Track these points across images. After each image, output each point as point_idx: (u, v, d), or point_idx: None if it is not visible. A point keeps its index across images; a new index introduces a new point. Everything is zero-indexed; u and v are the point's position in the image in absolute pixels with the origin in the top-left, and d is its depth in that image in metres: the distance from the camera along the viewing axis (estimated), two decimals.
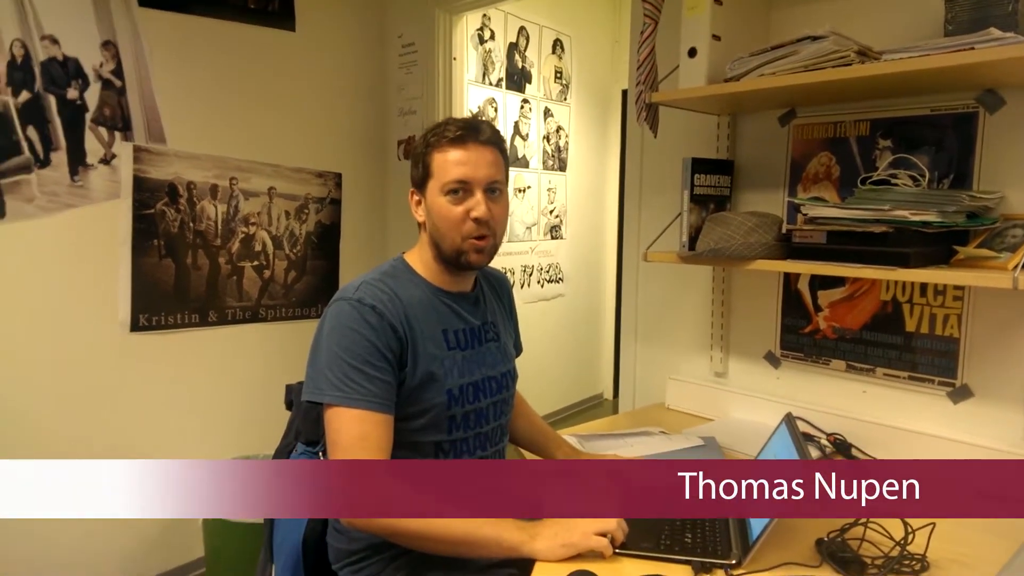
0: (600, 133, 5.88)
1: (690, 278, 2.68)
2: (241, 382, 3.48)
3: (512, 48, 5.00)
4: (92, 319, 2.99)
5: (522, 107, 5.12)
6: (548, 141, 5.36)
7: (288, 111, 3.56)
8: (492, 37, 4.82)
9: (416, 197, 1.76)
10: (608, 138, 5.93)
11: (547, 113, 5.34)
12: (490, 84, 4.84)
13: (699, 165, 2.30)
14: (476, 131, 1.69)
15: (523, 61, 5.10)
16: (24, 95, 2.75)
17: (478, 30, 4.69)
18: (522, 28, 5.06)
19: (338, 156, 3.80)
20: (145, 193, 3.07)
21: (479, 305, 1.85)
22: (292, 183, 3.58)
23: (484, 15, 4.72)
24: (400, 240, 3.91)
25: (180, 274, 3.23)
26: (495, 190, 1.70)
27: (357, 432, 1.54)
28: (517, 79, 5.07)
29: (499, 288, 1.98)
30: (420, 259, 1.77)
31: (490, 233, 1.70)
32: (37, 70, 2.77)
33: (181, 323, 3.24)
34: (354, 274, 1.76)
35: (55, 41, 2.80)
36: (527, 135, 5.16)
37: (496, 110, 4.90)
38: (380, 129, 3.98)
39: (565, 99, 5.51)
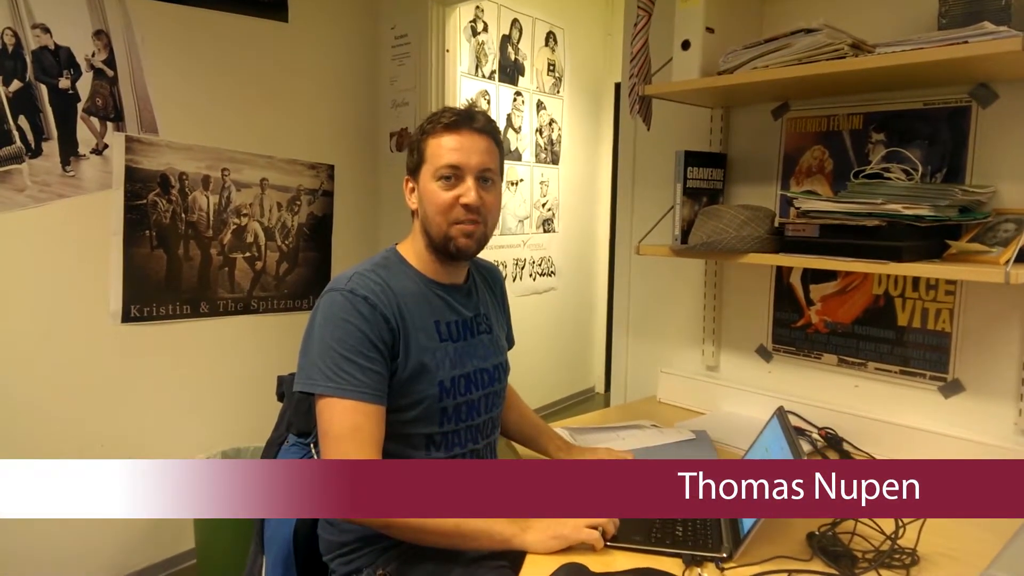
0: (593, 126, 5.88)
1: (682, 271, 2.68)
2: (233, 374, 3.47)
3: (505, 40, 4.99)
4: (84, 310, 2.98)
5: (515, 100, 5.11)
6: (541, 134, 5.35)
7: (281, 102, 3.56)
8: (485, 29, 4.81)
9: (410, 184, 1.76)
10: (601, 131, 5.92)
11: (540, 106, 5.33)
12: (483, 76, 4.83)
13: (692, 158, 2.30)
14: (471, 119, 1.70)
15: (516, 53, 5.10)
16: (15, 84, 2.73)
17: (471, 22, 4.68)
18: (515, 20, 5.05)
19: (330, 148, 3.79)
20: (137, 183, 3.06)
21: (471, 297, 1.84)
22: (284, 174, 3.58)
23: (477, 7, 4.71)
24: (392, 232, 3.90)
25: (172, 265, 3.22)
26: (487, 179, 1.70)
27: (349, 423, 1.54)
28: (510, 71, 5.06)
29: (491, 280, 1.98)
30: (413, 249, 1.77)
31: (480, 220, 1.70)
32: (28, 59, 2.76)
33: (173, 314, 3.24)
34: (346, 265, 1.76)
35: (46, 30, 2.79)
36: (520, 128, 5.16)
37: (489, 103, 4.89)
38: (372, 121, 3.97)
39: (558, 92, 5.50)
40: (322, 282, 3.63)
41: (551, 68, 5.42)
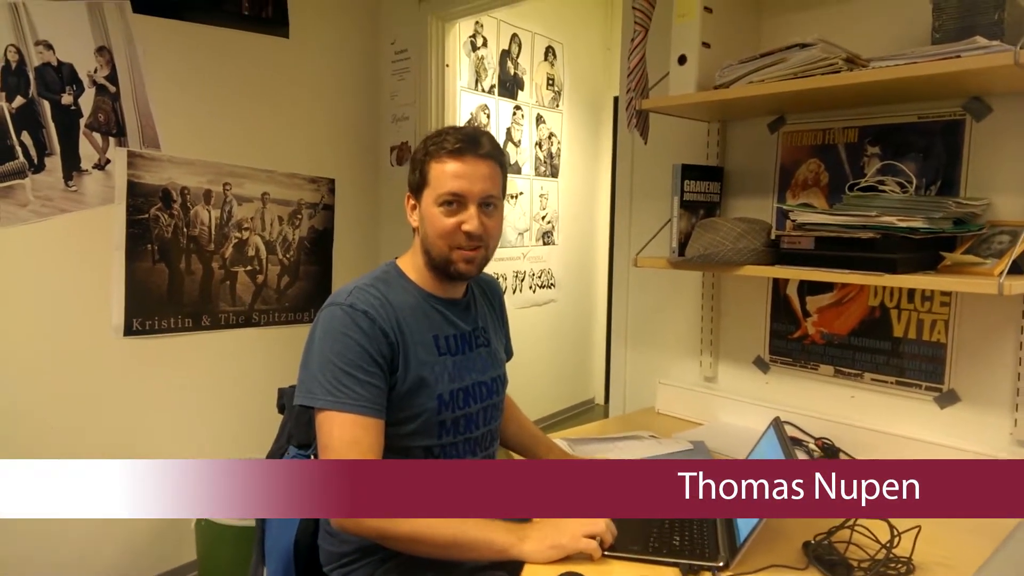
0: (592, 140, 5.91)
1: (680, 284, 2.69)
2: (234, 386, 3.48)
3: (504, 55, 5.02)
4: (86, 324, 3.00)
5: (514, 114, 5.14)
6: (540, 147, 5.38)
7: (282, 117, 3.58)
8: (485, 44, 4.84)
9: (412, 202, 1.77)
10: (600, 144, 5.95)
11: (539, 120, 5.36)
12: (483, 91, 4.86)
13: (689, 171, 2.32)
14: (476, 144, 1.68)
15: (515, 68, 5.12)
16: (18, 100, 2.76)
17: (471, 37, 4.71)
18: (514, 35, 5.08)
19: (331, 162, 3.82)
20: (139, 198, 3.09)
21: (470, 311, 1.86)
22: (285, 188, 3.60)
23: (477, 22, 4.74)
24: (392, 245, 3.92)
25: (174, 279, 3.24)
26: (490, 204, 1.71)
27: (348, 436, 1.55)
28: (509, 86, 5.09)
29: (490, 293, 1.99)
30: (412, 264, 1.78)
31: (482, 245, 1.72)
32: (31, 75, 2.78)
33: (175, 328, 3.26)
34: (347, 279, 1.77)
35: (49, 47, 2.82)
36: (519, 141, 5.18)
37: (488, 117, 4.92)
38: (373, 135, 4.00)
39: (557, 106, 5.53)
40: (323, 295, 3.62)
41: (550, 82, 5.45)
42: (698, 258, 2.18)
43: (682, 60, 2.19)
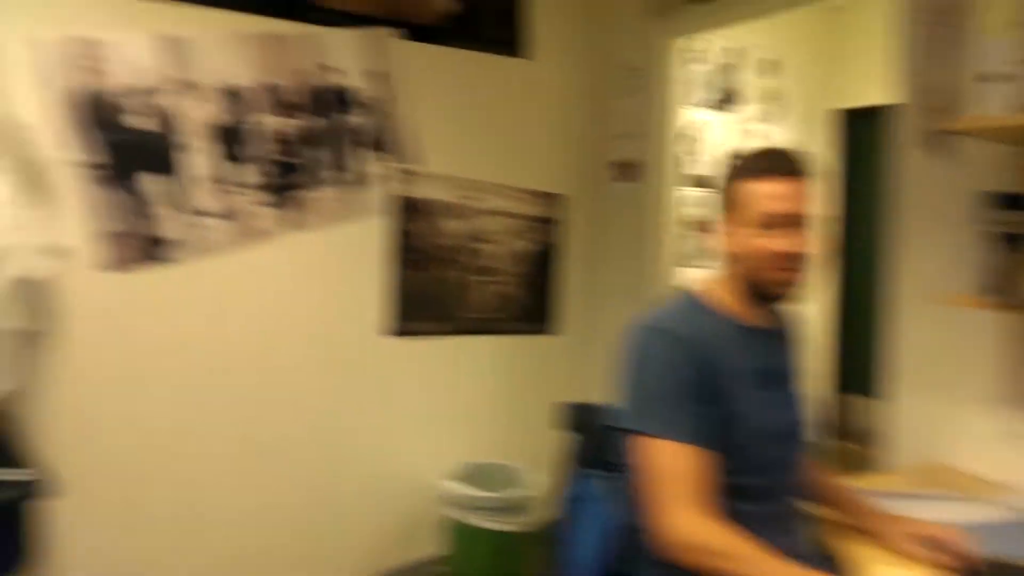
0: (815, 153, 5.66)
1: (968, 324, 2.36)
2: (472, 390, 3.59)
3: (725, 69, 4.95)
4: (352, 324, 3.27)
5: (735, 128, 5.02)
6: None
7: (518, 135, 3.73)
8: (706, 59, 4.78)
9: (721, 225, 1.72)
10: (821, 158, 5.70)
11: (761, 134, 5.17)
12: (705, 106, 4.81)
13: (1003, 200, 2.12)
14: (787, 163, 1.65)
15: (736, 82, 5.00)
16: (307, 119, 3.03)
17: (694, 53, 4.59)
18: (736, 50, 4.99)
19: (561, 179, 3.90)
20: (401, 210, 3.32)
21: (781, 342, 1.80)
22: (521, 203, 3.72)
23: (700, 38, 4.61)
24: (617, 262, 3.89)
25: (428, 285, 3.45)
26: (803, 224, 1.64)
27: (683, 466, 1.54)
28: (729, 100, 4.99)
29: (793, 327, 1.89)
30: (718, 292, 1.73)
31: (799, 266, 1.65)
32: (318, 97, 3.05)
33: (427, 331, 3.46)
34: (574, 293, 1.72)
35: (333, 70, 3.08)
36: None
37: (708, 132, 4.83)
38: (598, 152, 4.03)
39: (778, 119, 5.33)
40: (553, 308, 3.84)
41: (770, 96, 5.26)
42: None
43: (995, 78, 2.00)
